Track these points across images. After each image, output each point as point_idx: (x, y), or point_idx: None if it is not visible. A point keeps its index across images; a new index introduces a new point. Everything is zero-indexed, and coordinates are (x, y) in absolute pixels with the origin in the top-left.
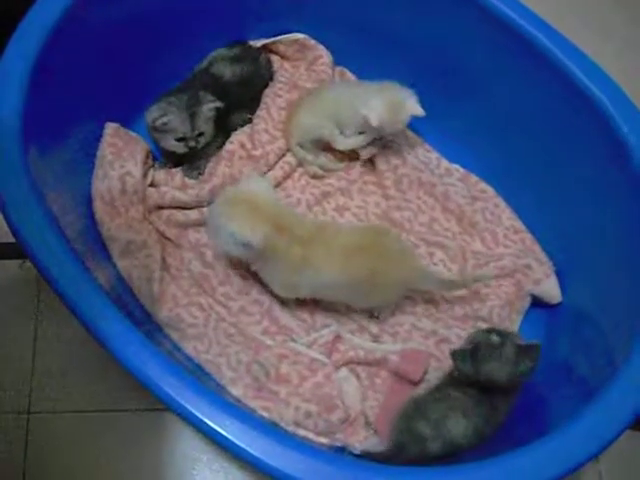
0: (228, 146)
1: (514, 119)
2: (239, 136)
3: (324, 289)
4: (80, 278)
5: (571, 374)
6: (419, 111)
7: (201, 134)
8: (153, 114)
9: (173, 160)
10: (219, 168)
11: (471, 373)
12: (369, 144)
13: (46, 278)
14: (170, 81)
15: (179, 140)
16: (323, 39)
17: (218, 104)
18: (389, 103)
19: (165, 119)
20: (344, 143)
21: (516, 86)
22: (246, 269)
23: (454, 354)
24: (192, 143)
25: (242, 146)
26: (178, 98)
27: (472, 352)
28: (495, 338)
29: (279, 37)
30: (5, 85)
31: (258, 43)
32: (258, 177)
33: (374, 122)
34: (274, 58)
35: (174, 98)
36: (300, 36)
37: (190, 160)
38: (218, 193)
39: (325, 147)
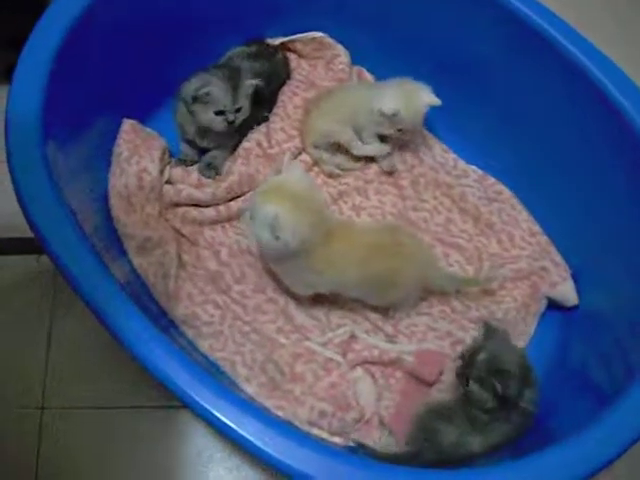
0: (244, 144)
1: (531, 122)
2: (255, 134)
3: (342, 286)
4: (97, 274)
5: (585, 377)
6: (435, 100)
7: (239, 109)
8: (194, 84)
9: (195, 150)
10: (235, 166)
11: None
12: (389, 154)
13: (63, 273)
14: (186, 77)
15: (218, 113)
16: (341, 38)
17: (258, 82)
18: (403, 93)
19: (207, 89)
20: (363, 149)
21: (534, 88)
22: (261, 267)
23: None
24: (231, 117)
25: (259, 144)
26: (221, 71)
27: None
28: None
29: (297, 35)
30: (25, 79)
31: (276, 41)
32: (299, 168)
33: (389, 111)
34: (291, 56)
35: (215, 70)
36: (318, 35)
37: (207, 157)
38: (234, 191)
39: (341, 147)
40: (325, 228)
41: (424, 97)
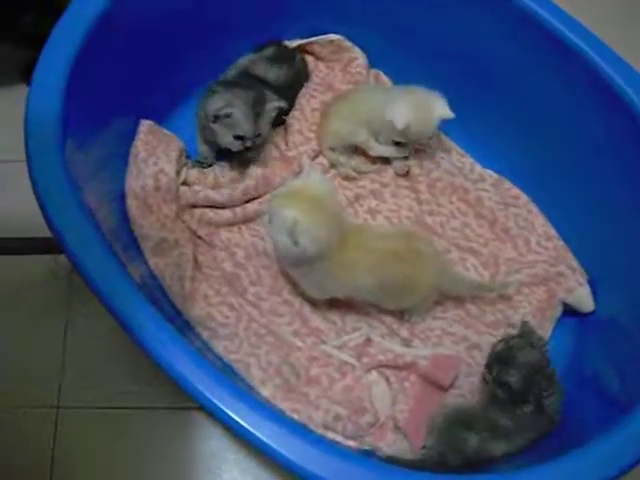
0: None
1: (547, 127)
2: (273, 136)
3: (358, 291)
4: (116, 274)
5: (601, 383)
6: (448, 113)
7: (259, 135)
8: (217, 103)
9: (214, 152)
10: (252, 169)
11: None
12: (405, 157)
13: (81, 273)
14: (204, 79)
15: (237, 138)
16: (358, 41)
17: (283, 104)
18: (415, 105)
19: (230, 110)
20: (380, 150)
21: (549, 92)
22: (277, 270)
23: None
24: (249, 143)
25: (276, 146)
26: (246, 93)
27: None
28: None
29: (314, 38)
30: (45, 79)
31: (293, 43)
32: (319, 172)
33: (399, 125)
34: (309, 59)
35: (240, 91)
36: (336, 37)
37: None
38: (250, 193)
39: (357, 150)
40: (341, 232)
41: (437, 109)
